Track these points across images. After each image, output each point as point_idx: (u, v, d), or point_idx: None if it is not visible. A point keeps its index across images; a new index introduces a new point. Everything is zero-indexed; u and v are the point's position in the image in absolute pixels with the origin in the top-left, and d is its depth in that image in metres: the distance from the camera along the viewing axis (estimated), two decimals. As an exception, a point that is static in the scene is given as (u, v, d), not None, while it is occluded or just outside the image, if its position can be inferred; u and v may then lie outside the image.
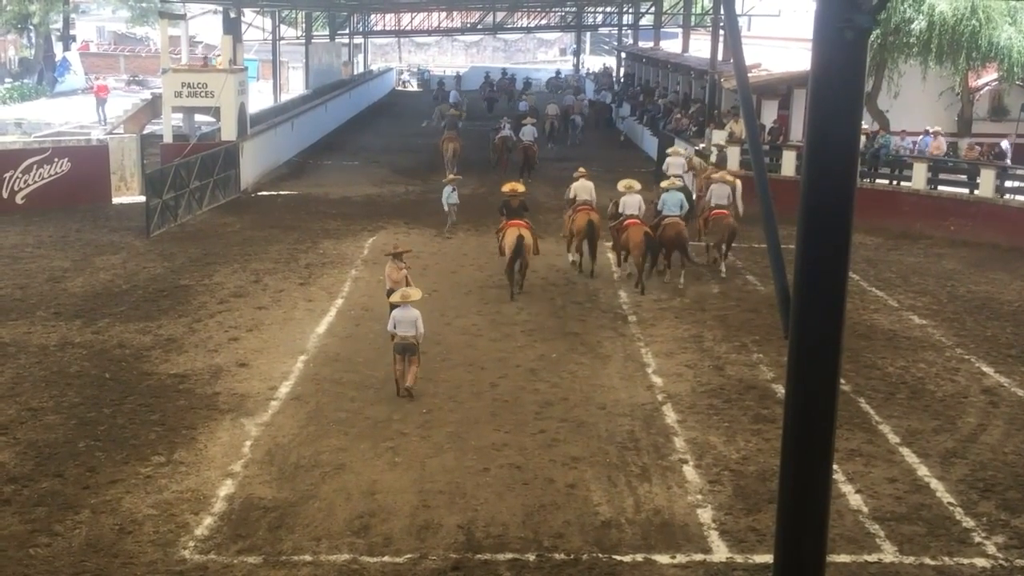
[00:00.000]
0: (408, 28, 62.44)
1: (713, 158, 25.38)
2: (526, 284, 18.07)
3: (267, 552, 9.27)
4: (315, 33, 48.63)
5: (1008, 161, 25.10)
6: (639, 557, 9.32)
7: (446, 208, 22.88)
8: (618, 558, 9.29)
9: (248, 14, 35.24)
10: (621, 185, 19.28)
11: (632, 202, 18.80)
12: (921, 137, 26.42)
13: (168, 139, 27.00)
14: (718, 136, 26.96)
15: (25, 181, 24.17)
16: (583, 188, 19.72)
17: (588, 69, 63.66)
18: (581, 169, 20.54)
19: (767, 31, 36.95)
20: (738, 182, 21.62)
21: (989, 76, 29.22)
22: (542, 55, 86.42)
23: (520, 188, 19.00)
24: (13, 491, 10.30)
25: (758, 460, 11.37)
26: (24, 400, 12.69)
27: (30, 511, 9.90)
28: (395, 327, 13.00)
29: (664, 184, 19.80)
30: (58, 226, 22.58)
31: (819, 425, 4.37)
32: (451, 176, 23.72)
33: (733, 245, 19.84)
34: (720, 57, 30.10)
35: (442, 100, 45.81)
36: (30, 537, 9.43)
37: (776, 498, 4.49)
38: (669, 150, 23.68)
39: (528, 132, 30.51)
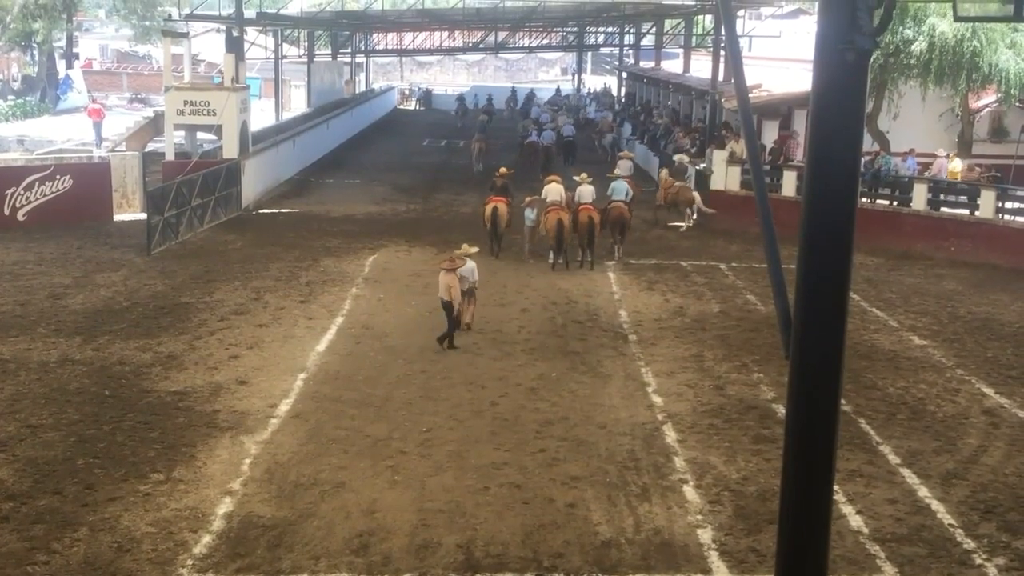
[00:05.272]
0: (410, 47, 62.65)
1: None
2: (524, 300, 18.59)
3: (266, 571, 9.23)
4: (317, 52, 48.78)
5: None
6: (639, 577, 9.29)
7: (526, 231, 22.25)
8: (618, 578, 9.26)
9: (251, 33, 35.37)
10: (546, 181, 23.05)
11: (553, 191, 21.91)
12: (907, 159, 26.48)
13: (170, 157, 27.01)
14: (718, 156, 27.03)
15: (27, 198, 24.20)
16: (553, 191, 22.05)
17: (589, 89, 63.87)
18: (552, 176, 23.24)
19: (768, 52, 37.05)
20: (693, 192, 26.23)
21: (989, 97, 29.29)
22: (543, 74, 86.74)
23: (509, 172, 23.54)
24: (11, 508, 10.26)
25: (758, 480, 11.34)
26: (23, 417, 12.67)
27: (28, 528, 9.87)
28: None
29: (612, 175, 23.62)
30: (59, 243, 22.60)
31: (820, 445, 4.36)
32: (530, 199, 22.55)
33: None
34: (721, 77, 30.21)
35: (461, 115, 51.32)
36: (28, 555, 9.40)
37: (776, 518, 4.47)
38: (621, 153, 29.23)
39: (547, 136, 36.73)
